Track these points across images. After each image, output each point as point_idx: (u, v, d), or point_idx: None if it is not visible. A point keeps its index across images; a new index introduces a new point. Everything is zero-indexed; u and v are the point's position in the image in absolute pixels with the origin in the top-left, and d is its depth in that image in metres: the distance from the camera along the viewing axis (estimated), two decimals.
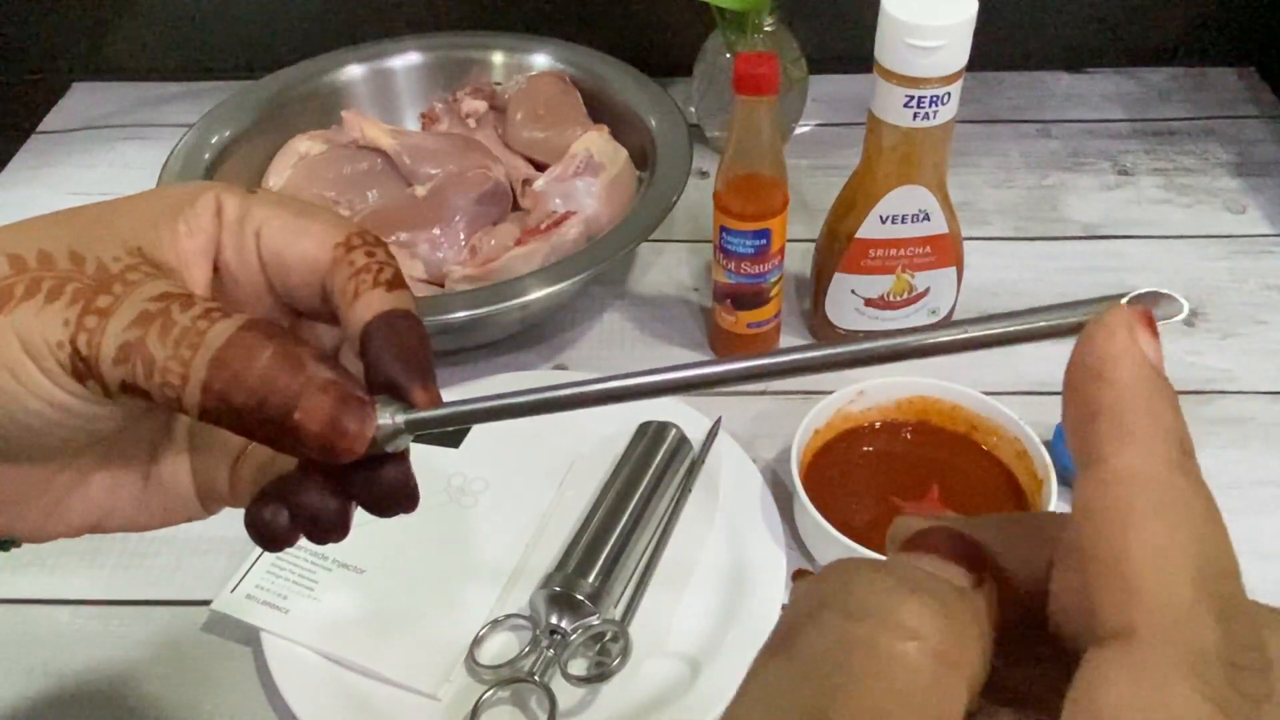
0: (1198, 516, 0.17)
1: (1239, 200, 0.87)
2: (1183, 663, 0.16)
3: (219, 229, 0.29)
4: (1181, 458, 0.18)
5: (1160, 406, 0.18)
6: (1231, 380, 0.72)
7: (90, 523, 0.31)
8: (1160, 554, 0.17)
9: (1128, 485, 0.17)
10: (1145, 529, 0.17)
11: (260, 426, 0.26)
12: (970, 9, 0.58)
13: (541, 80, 0.85)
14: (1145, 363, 0.19)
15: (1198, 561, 0.17)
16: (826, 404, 0.63)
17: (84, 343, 0.25)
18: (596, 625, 0.55)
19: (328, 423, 0.26)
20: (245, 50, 1.03)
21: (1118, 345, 0.19)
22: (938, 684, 0.17)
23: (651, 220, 0.71)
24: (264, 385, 0.25)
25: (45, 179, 0.94)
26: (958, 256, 0.70)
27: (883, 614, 0.18)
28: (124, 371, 0.25)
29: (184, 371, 0.25)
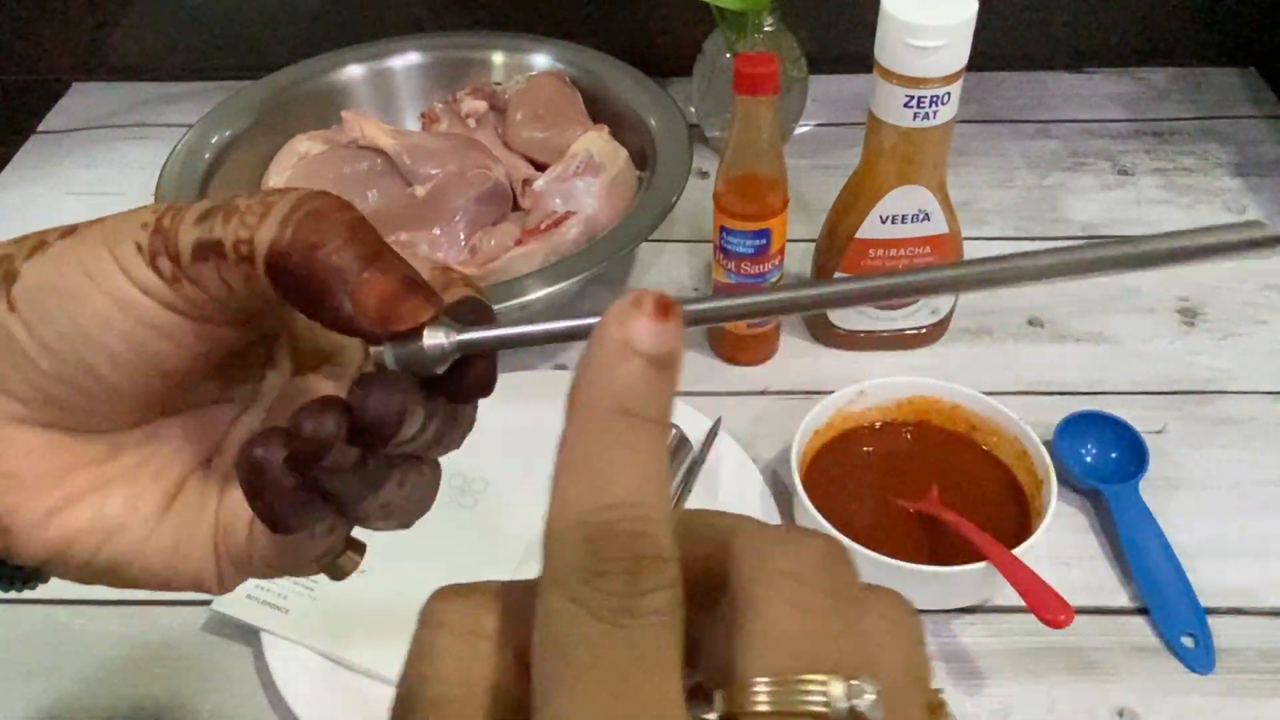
0: (613, 469, 0.20)
1: (1239, 200, 0.87)
2: (555, 578, 0.20)
3: None
4: (618, 419, 0.20)
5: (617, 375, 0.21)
6: (1231, 380, 0.72)
7: (96, 536, 0.28)
8: (564, 500, 0.21)
9: (564, 443, 0.21)
10: (562, 481, 0.21)
11: (324, 278, 0.25)
12: (970, 9, 0.58)
13: (541, 80, 0.85)
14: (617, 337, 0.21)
15: (590, 504, 0.20)
16: (826, 404, 0.63)
17: (169, 217, 0.26)
18: None
19: (395, 288, 0.25)
20: (245, 50, 1.03)
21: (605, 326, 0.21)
22: (472, 655, 0.22)
23: (651, 220, 0.71)
24: (340, 234, 0.25)
25: (45, 179, 0.94)
26: (958, 256, 0.70)
27: (426, 616, 0.24)
28: (203, 230, 0.25)
29: (264, 211, 0.25)
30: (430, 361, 0.26)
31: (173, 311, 0.26)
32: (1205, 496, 0.64)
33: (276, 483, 0.25)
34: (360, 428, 0.25)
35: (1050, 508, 0.57)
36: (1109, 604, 0.59)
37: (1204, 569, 0.60)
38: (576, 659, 0.19)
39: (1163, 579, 0.59)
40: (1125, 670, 0.56)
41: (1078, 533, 0.63)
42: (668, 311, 0.21)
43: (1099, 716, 0.54)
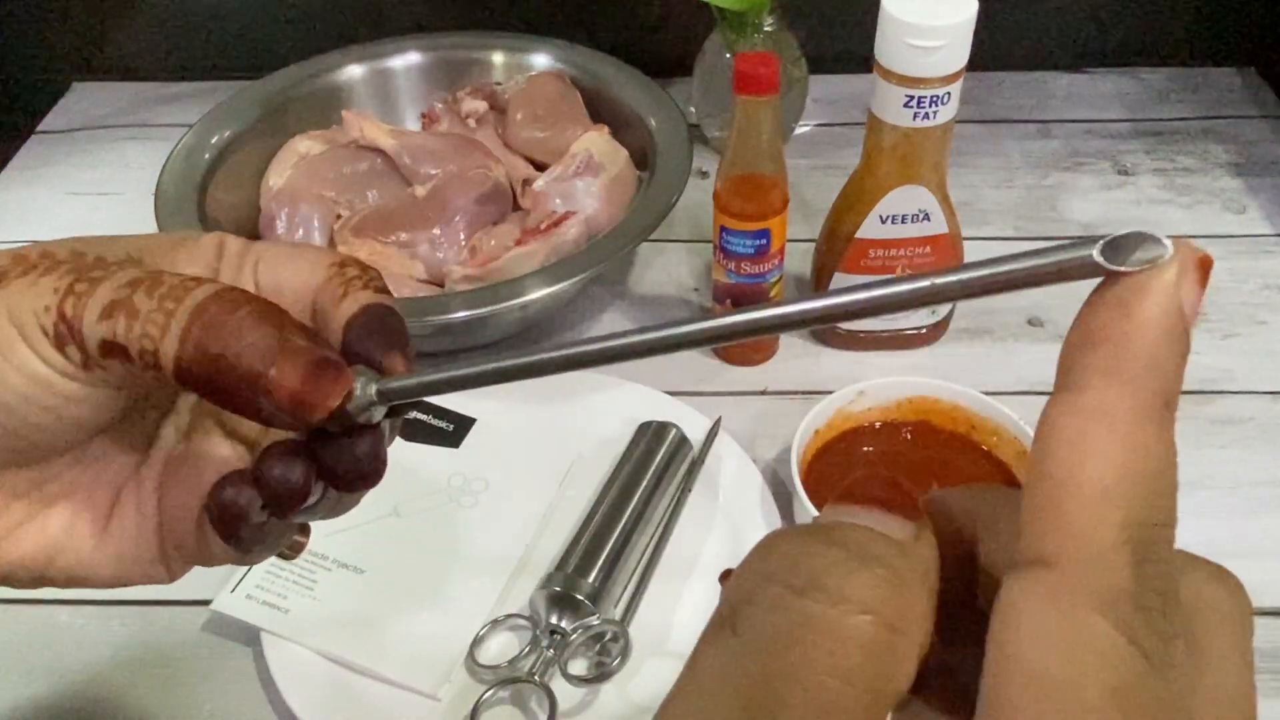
0: (1150, 468, 0.17)
1: (1239, 200, 0.87)
2: (1096, 596, 0.16)
3: (219, 261, 0.30)
4: (1160, 411, 0.18)
5: (1163, 356, 0.18)
6: (1231, 380, 0.72)
7: (41, 558, 0.29)
8: (1100, 494, 0.17)
9: (1096, 421, 0.17)
10: (1094, 467, 0.17)
11: (233, 383, 0.25)
12: (970, 9, 0.58)
13: (541, 80, 0.85)
14: (1176, 310, 0.18)
15: (1132, 507, 0.17)
16: (826, 404, 0.63)
17: (71, 305, 0.25)
18: (596, 625, 0.55)
19: (303, 378, 0.25)
20: (245, 50, 1.03)
21: (1157, 282, 0.18)
22: (893, 655, 0.18)
23: (651, 220, 0.71)
24: (241, 336, 0.25)
25: (45, 179, 0.94)
26: (958, 256, 0.70)
27: (833, 588, 0.18)
28: (105, 328, 0.25)
29: (165, 321, 0.25)
30: (358, 415, 0.27)
31: (89, 386, 0.27)
32: (1205, 496, 0.64)
33: (245, 519, 0.28)
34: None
35: None
36: None
37: None
38: (1125, 706, 0.16)
39: None
40: None
41: None
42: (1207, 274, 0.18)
43: None
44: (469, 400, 0.69)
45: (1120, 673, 0.16)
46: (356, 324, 0.28)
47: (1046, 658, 0.16)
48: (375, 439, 0.28)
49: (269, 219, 0.77)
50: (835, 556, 0.18)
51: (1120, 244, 0.18)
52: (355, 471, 0.27)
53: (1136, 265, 0.18)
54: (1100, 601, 0.16)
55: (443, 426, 0.68)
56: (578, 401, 0.69)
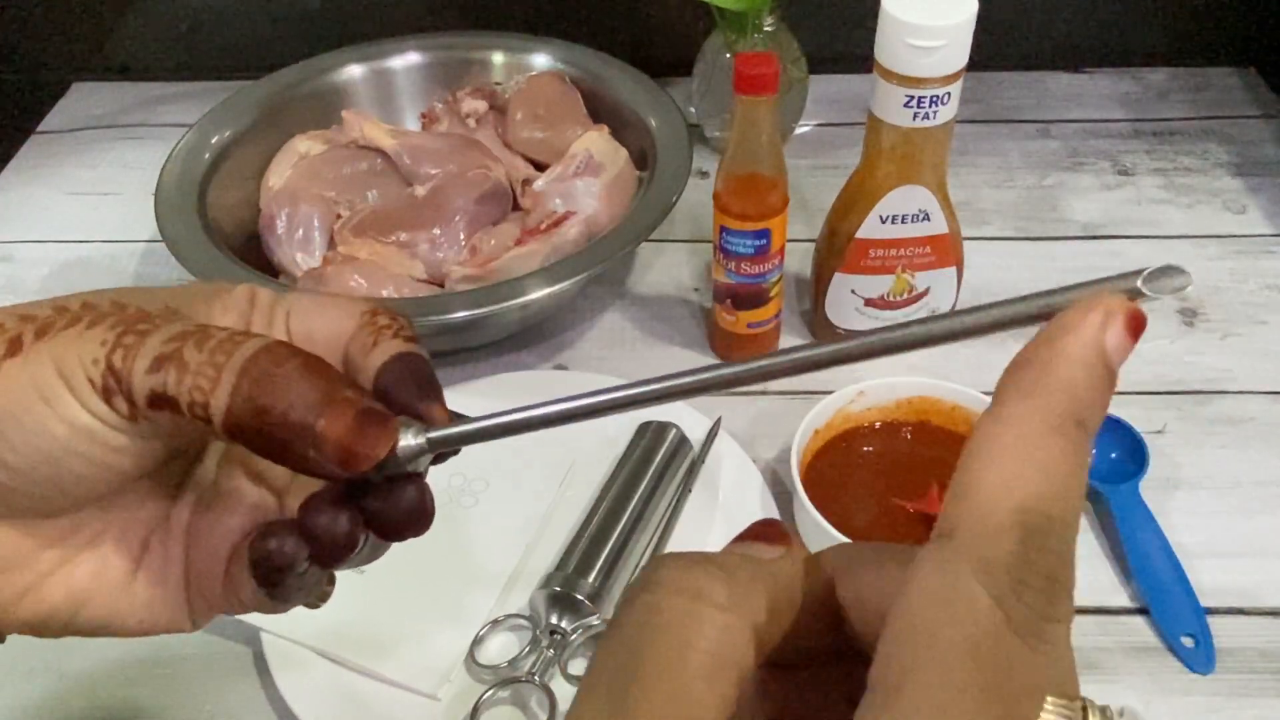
0: (1052, 470, 0.20)
1: (1239, 200, 0.87)
2: (979, 563, 0.19)
3: (251, 310, 0.30)
4: (1071, 428, 0.20)
5: (1079, 383, 0.21)
6: (1231, 380, 0.72)
7: (69, 607, 0.30)
8: (1000, 483, 0.20)
9: (1009, 428, 0.21)
10: (1000, 463, 0.20)
11: (283, 435, 0.26)
12: (970, 9, 0.58)
13: (541, 80, 0.85)
14: (1095, 346, 0.21)
15: (1028, 499, 0.20)
16: (826, 404, 0.63)
17: (120, 356, 0.26)
18: (596, 625, 0.55)
19: (351, 428, 0.26)
20: (245, 50, 1.03)
21: (1082, 320, 0.21)
22: (724, 629, 0.21)
23: (651, 220, 0.71)
24: (290, 390, 0.26)
25: (45, 179, 0.94)
26: (958, 256, 0.70)
27: (672, 582, 0.22)
28: (155, 380, 0.25)
29: (215, 375, 0.25)
30: (405, 464, 0.27)
31: (132, 437, 0.27)
32: (1205, 496, 0.64)
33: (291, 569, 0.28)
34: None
35: None
36: (1109, 604, 0.59)
37: (1204, 569, 0.60)
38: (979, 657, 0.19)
39: (1163, 579, 0.59)
40: (1125, 670, 0.56)
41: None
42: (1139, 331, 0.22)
43: None
44: (469, 400, 0.69)
45: (982, 628, 0.19)
46: (389, 372, 0.28)
47: (926, 609, 0.19)
48: (421, 486, 0.28)
49: (269, 219, 0.77)
50: (681, 562, 0.22)
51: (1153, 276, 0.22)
52: (404, 520, 0.28)
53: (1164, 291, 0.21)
54: (980, 567, 0.19)
55: None
56: None
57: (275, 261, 0.77)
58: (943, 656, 0.19)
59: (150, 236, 0.86)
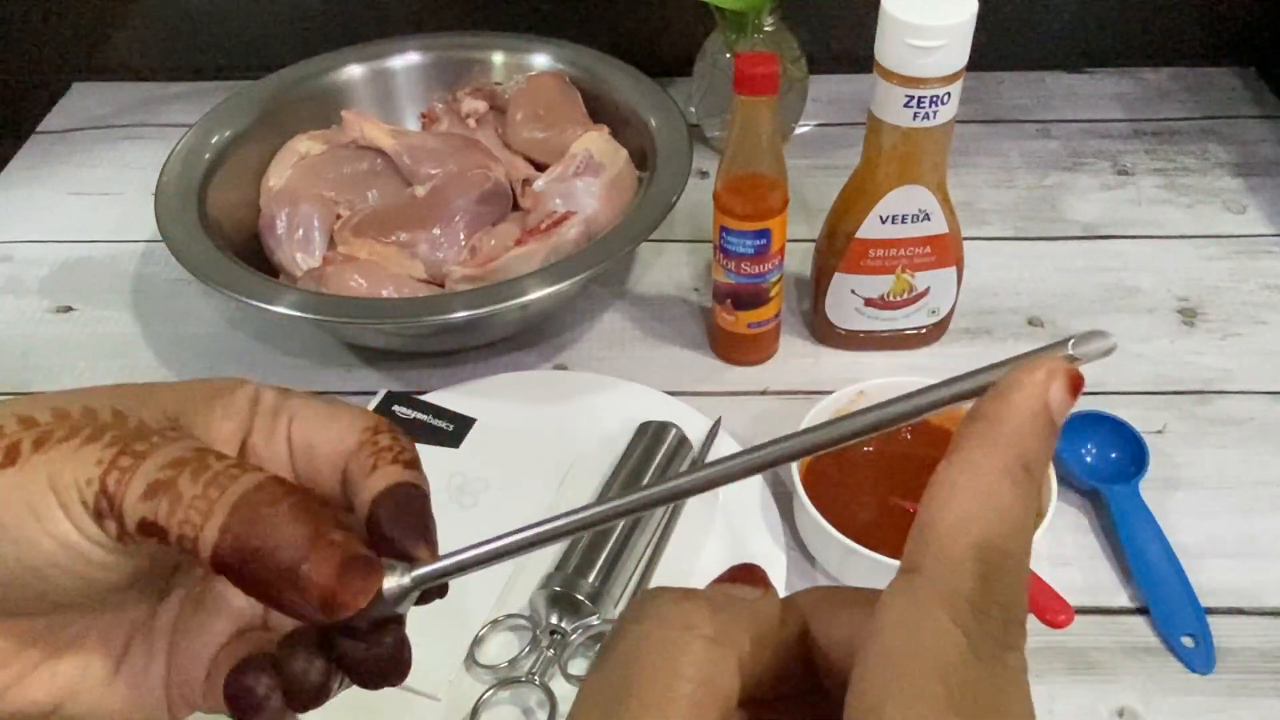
0: (1007, 514, 0.22)
1: (1239, 200, 0.87)
2: (942, 595, 0.21)
3: (253, 416, 0.30)
4: (1020, 472, 0.23)
5: (1026, 432, 0.23)
6: (1231, 380, 0.72)
7: (48, 704, 0.29)
8: (959, 521, 0.22)
9: (965, 472, 0.23)
10: (959, 507, 0.22)
11: (267, 575, 0.26)
12: (970, 9, 0.58)
13: (541, 80, 0.85)
14: (1040, 400, 0.23)
15: (986, 538, 0.22)
16: (826, 404, 0.63)
17: (114, 479, 0.26)
18: (596, 625, 0.55)
19: (336, 575, 0.26)
20: (245, 50, 1.03)
21: (1027, 379, 0.24)
22: (709, 658, 0.23)
23: (651, 220, 0.71)
24: (278, 532, 0.26)
25: (45, 179, 0.94)
26: (958, 256, 0.70)
27: (661, 614, 0.23)
28: (148, 508, 0.26)
29: (208, 509, 0.26)
30: (390, 606, 0.27)
31: (119, 556, 0.27)
32: (1205, 496, 0.64)
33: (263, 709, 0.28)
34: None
35: (1050, 508, 0.57)
36: (1109, 604, 0.59)
37: (1204, 569, 0.60)
38: (948, 680, 0.20)
39: (1163, 579, 0.59)
40: (1125, 670, 0.56)
41: (1078, 533, 0.63)
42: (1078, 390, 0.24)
43: (1099, 716, 0.54)
44: (469, 400, 0.69)
45: (950, 654, 0.21)
46: (384, 505, 0.29)
47: (897, 638, 0.21)
48: (399, 637, 0.28)
49: (269, 219, 0.77)
50: (670, 595, 0.24)
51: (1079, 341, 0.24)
52: (378, 671, 0.28)
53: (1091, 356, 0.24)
54: (945, 599, 0.21)
55: (443, 426, 0.68)
56: (578, 401, 0.69)
57: (275, 261, 0.77)
58: (915, 679, 0.20)
59: (150, 236, 0.86)
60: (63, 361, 0.77)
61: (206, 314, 0.80)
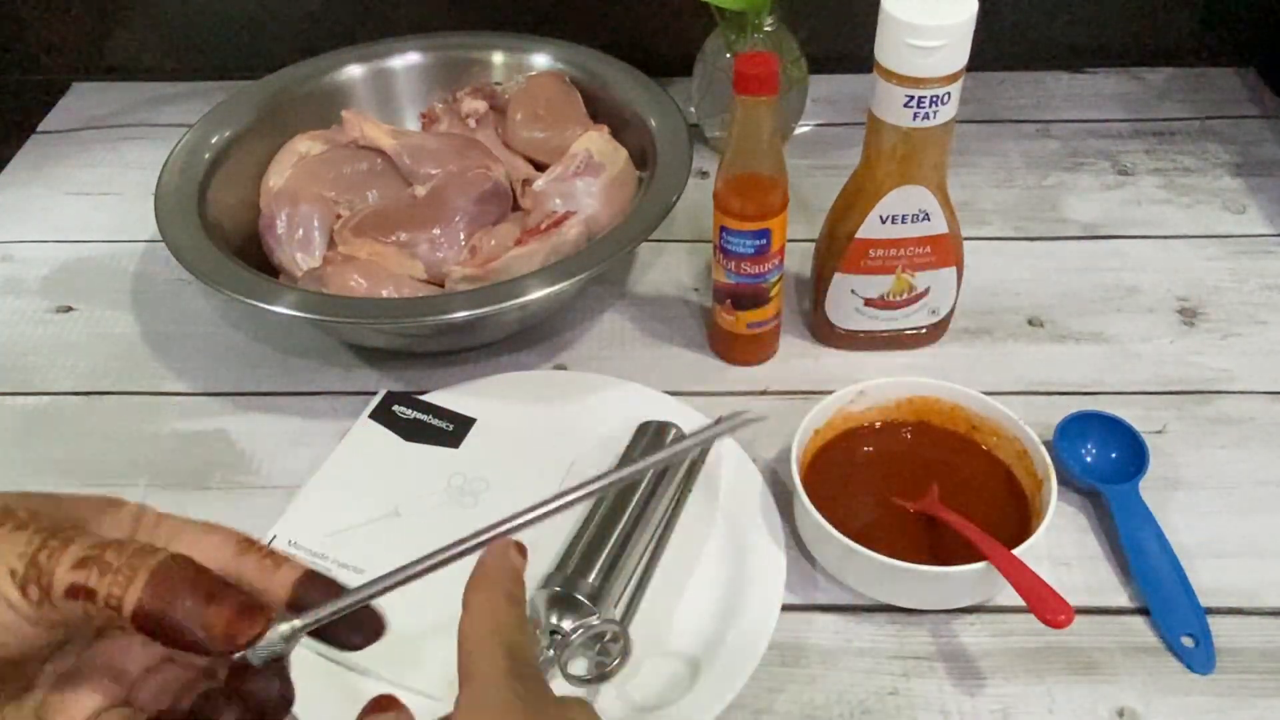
0: (504, 621, 0.38)
1: (1239, 200, 0.87)
2: (494, 678, 0.35)
3: (136, 528, 0.36)
4: (505, 598, 0.39)
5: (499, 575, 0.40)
6: (1231, 380, 0.72)
7: None
8: (487, 630, 0.37)
9: (480, 606, 0.38)
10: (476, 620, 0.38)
11: (179, 621, 0.32)
12: (970, 9, 0.58)
13: (541, 80, 0.85)
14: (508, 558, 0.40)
15: (499, 634, 0.37)
16: (826, 404, 0.63)
17: (45, 555, 0.31)
18: (596, 625, 0.55)
19: (232, 616, 0.32)
20: (245, 50, 1.03)
21: (500, 548, 0.40)
22: None
23: (651, 220, 0.71)
24: (189, 589, 0.32)
25: (45, 179, 0.94)
26: (958, 256, 0.70)
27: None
28: (78, 575, 0.31)
29: (131, 575, 0.31)
30: (282, 645, 0.34)
31: (29, 623, 0.32)
32: (1205, 496, 0.64)
33: None
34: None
35: (1050, 508, 0.57)
36: (1109, 604, 0.59)
37: (1204, 569, 0.60)
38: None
39: (1163, 579, 0.59)
40: (1125, 670, 0.56)
41: (1078, 533, 0.63)
42: (524, 553, 0.41)
43: (1099, 716, 0.54)
44: (469, 400, 0.69)
45: (508, 713, 0.34)
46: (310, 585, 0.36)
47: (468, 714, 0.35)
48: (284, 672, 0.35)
49: (269, 219, 0.77)
50: None
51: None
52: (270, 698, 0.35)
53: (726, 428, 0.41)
54: (497, 679, 0.35)
55: (443, 426, 0.68)
56: (578, 401, 0.69)
57: (275, 261, 0.77)
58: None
59: (150, 236, 0.86)
60: (63, 361, 0.77)
61: (206, 314, 0.80)
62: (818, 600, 0.60)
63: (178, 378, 0.75)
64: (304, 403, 0.73)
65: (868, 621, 0.58)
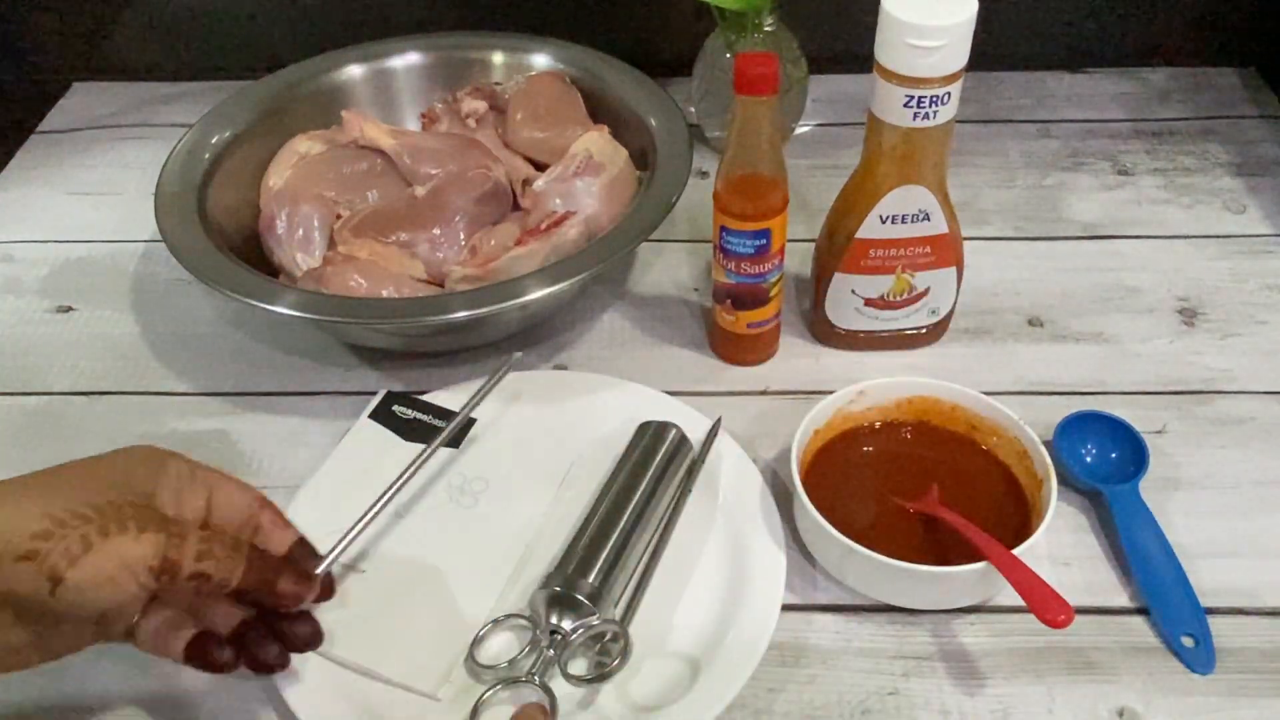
0: None
1: (1239, 200, 0.87)
2: None
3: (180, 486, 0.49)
4: None
5: None
6: (1231, 380, 0.72)
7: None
8: None
9: None
10: None
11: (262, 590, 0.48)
12: (970, 9, 0.58)
13: (541, 80, 0.85)
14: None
15: None
16: (826, 404, 0.63)
17: (174, 552, 0.45)
18: (596, 625, 0.55)
19: (296, 586, 0.49)
20: (245, 50, 1.03)
21: None
22: None
23: (651, 220, 0.71)
24: (270, 571, 0.49)
25: (45, 179, 0.95)
26: (958, 256, 0.70)
27: None
28: (199, 566, 0.45)
29: (233, 566, 0.47)
30: None
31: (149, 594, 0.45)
32: (1205, 496, 0.64)
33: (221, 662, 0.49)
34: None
35: (1050, 508, 0.57)
36: (1109, 604, 0.59)
37: (1204, 569, 0.60)
38: None
39: (1163, 579, 0.59)
40: (1125, 670, 0.56)
41: (1078, 533, 0.63)
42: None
43: (1099, 716, 0.54)
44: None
45: None
46: (302, 544, 0.52)
47: None
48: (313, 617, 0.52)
49: (269, 219, 0.77)
50: None
51: None
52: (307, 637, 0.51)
53: None
54: None
55: (443, 426, 0.68)
56: (578, 401, 0.69)
57: (275, 261, 0.77)
58: None
59: (150, 236, 0.86)
60: (63, 361, 0.77)
61: (206, 314, 0.80)
62: (818, 600, 0.60)
63: (178, 378, 0.75)
64: (304, 403, 0.73)
65: (868, 621, 0.58)
